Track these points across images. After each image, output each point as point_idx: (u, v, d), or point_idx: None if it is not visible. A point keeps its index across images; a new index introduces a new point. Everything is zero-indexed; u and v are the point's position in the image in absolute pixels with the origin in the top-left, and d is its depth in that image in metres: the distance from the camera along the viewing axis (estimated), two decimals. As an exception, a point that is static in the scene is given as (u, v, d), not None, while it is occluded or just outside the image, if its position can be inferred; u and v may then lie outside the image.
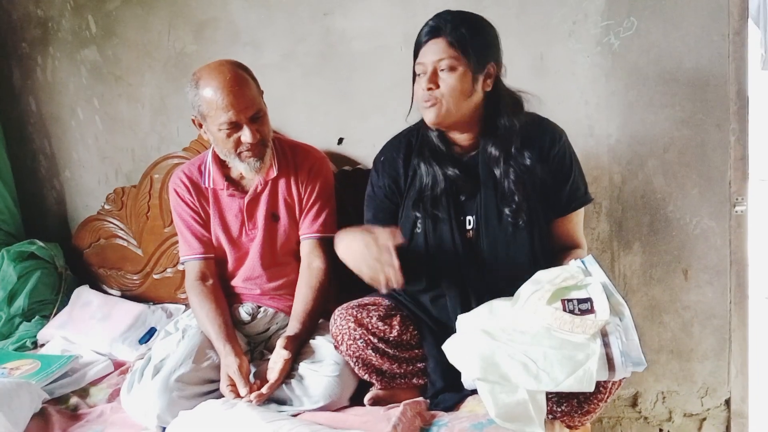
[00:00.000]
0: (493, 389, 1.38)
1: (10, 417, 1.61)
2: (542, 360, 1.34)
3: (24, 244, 2.38)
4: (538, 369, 1.33)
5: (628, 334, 1.37)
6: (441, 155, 1.66)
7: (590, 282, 1.43)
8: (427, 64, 1.56)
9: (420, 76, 1.59)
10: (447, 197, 1.65)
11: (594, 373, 1.31)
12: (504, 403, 1.38)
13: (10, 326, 2.27)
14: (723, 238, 2.00)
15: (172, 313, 2.24)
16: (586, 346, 1.33)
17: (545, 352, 1.34)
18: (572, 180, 1.66)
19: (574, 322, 1.35)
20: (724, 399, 2.12)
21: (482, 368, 1.36)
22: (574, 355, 1.33)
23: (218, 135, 1.74)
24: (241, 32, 2.24)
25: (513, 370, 1.35)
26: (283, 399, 1.66)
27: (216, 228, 1.92)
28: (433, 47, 1.56)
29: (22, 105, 2.55)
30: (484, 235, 1.63)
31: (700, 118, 1.94)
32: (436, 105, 1.57)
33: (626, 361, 1.34)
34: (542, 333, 1.38)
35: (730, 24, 1.87)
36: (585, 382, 1.32)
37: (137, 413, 1.67)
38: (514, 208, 1.60)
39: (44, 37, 2.45)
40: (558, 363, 1.33)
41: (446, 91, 1.55)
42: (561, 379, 1.32)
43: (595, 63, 1.97)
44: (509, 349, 1.36)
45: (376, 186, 1.76)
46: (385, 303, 1.70)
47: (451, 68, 1.54)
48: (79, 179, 2.57)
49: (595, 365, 1.31)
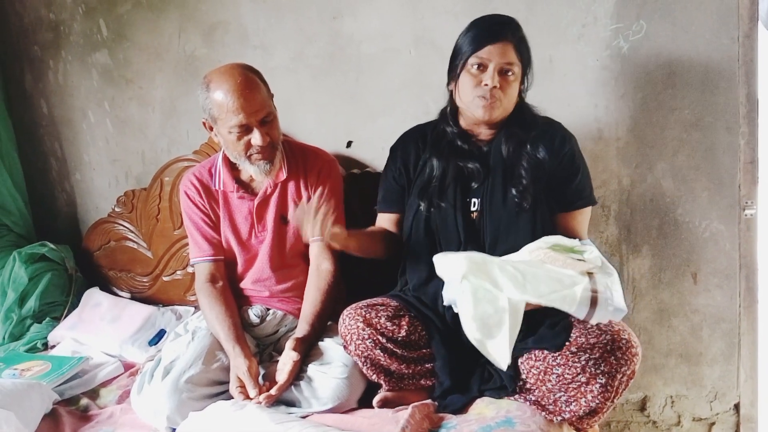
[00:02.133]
0: (476, 291, 1.41)
1: (21, 417, 1.62)
2: (531, 276, 1.40)
3: (35, 246, 2.39)
4: (525, 281, 1.39)
5: (613, 286, 1.44)
6: (461, 152, 1.72)
7: (586, 249, 1.51)
8: (492, 63, 1.61)
9: (475, 69, 1.62)
10: (455, 186, 1.71)
11: (578, 296, 1.38)
12: (483, 309, 1.40)
13: (21, 327, 2.28)
14: (732, 242, 2.00)
15: (182, 315, 2.25)
16: (574, 276, 1.41)
17: (535, 272, 1.42)
18: (578, 179, 1.71)
19: (566, 262, 1.44)
20: (734, 403, 2.11)
21: (469, 268, 1.41)
22: (561, 279, 1.40)
23: (229, 138, 1.75)
24: (251, 35, 2.25)
25: (501, 276, 1.40)
26: (292, 401, 1.66)
27: (226, 230, 1.93)
28: (502, 48, 1.61)
29: (34, 108, 2.57)
30: (488, 215, 1.69)
31: (709, 121, 1.94)
32: (494, 103, 1.63)
33: (608, 305, 1.40)
34: (535, 263, 1.46)
35: (740, 27, 1.87)
36: (567, 302, 1.38)
37: (147, 414, 1.68)
38: (521, 189, 1.66)
39: (56, 41, 2.47)
40: (545, 280, 1.40)
41: (507, 94, 1.63)
42: (545, 293, 1.39)
43: (604, 66, 1.97)
44: (501, 263, 1.44)
45: (388, 169, 1.85)
46: (394, 304, 1.71)
47: (514, 73, 1.63)
48: (90, 182, 2.58)
49: (579, 290, 1.38)
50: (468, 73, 1.64)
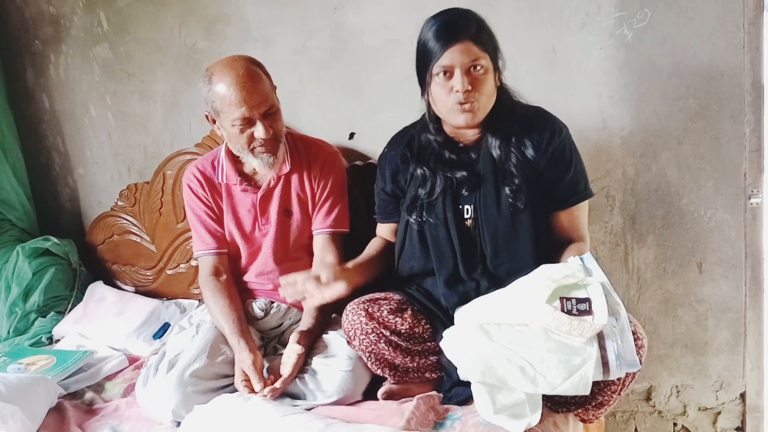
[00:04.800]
0: (491, 390, 1.41)
1: (27, 411, 1.62)
2: (539, 363, 1.36)
3: (38, 240, 2.39)
4: (535, 372, 1.35)
5: (623, 336, 1.38)
6: (449, 162, 1.65)
7: (590, 282, 1.44)
8: (455, 66, 1.52)
9: (442, 78, 1.54)
10: (444, 198, 1.65)
11: (590, 377, 1.34)
12: (502, 404, 1.41)
13: (25, 322, 2.29)
14: (738, 231, 1.99)
15: (186, 308, 2.25)
16: (582, 350, 1.35)
17: (542, 356, 1.36)
18: (572, 174, 1.65)
19: (572, 324, 1.36)
20: (739, 393, 2.11)
21: (482, 372, 1.39)
22: (570, 360, 1.34)
23: (231, 131, 1.75)
24: (252, 28, 2.24)
25: (511, 373, 1.37)
26: (297, 393, 1.67)
27: (229, 223, 1.92)
28: (461, 49, 1.52)
29: (36, 102, 2.57)
30: (484, 222, 1.63)
31: (714, 110, 1.93)
32: (473, 106, 1.55)
33: (621, 363, 1.36)
34: (539, 334, 1.39)
35: (745, 14, 1.85)
36: (581, 387, 1.35)
37: (152, 408, 1.68)
38: (515, 188, 1.60)
39: (57, 35, 2.46)
40: (555, 367, 1.35)
41: (482, 93, 1.55)
42: (557, 384, 1.35)
43: (608, 55, 1.96)
44: (507, 352, 1.38)
45: (379, 180, 1.81)
46: (397, 297, 1.70)
47: (484, 68, 1.54)
48: (93, 176, 2.58)
49: (591, 370, 1.34)
50: (437, 84, 1.56)
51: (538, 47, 1.99)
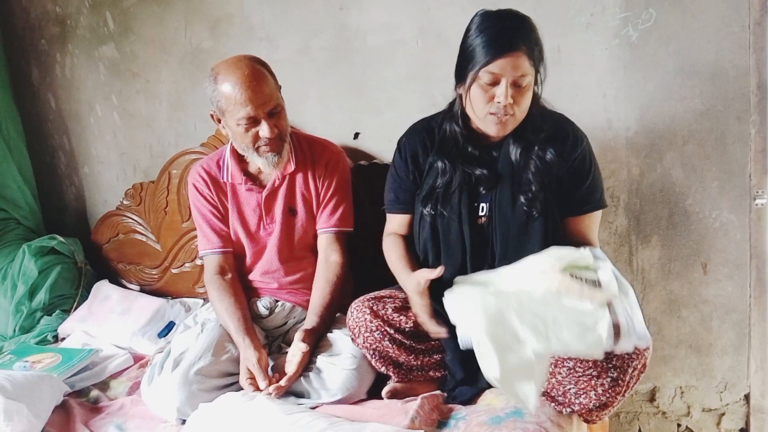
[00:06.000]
0: (498, 346, 1.34)
1: (33, 409, 1.63)
2: (551, 322, 1.32)
3: (44, 239, 2.41)
4: (547, 330, 1.32)
5: (633, 310, 1.36)
6: (470, 157, 1.63)
7: (600, 266, 1.41)
8: (505, 77, 1.48)
9: (486, 84, 1.50)
10: (461, 193, 1.63)
11: (603, 338, 1.30)
12: (510, 363, 1.33)
13: (31, 320, 2.30)
14: (743, 232, 1.98)
15: (191, 307, 2.26)
16: (594, 313, 1.32)
17: (554, 315, 1.32)
18: (589, 183, 1.64)
19: (583, 291, 1.33)
20: (744, 394, 2.10)
21: (489, 325, 1.34)
22: (583, 320, 1.31)
23: (236, 130, 1.75)
24: (256, 28, 2.25)
25: (521, 328, 1.32)
26: (302, 392, 1.67)
27: (234, 222, 1.93)
28: (515, 61, 1.47)
29: (41, 102, 2.58)
30: (497, 222, 1.61)
31: (719, 110, 1.92)
32: (508, 120, 1.53)
33: (632, 332, 1.33)
34: (549, 298, 1.35)
35: (751, 14, 1.85)
36: (594, 348, 1.31)
37: (157, 406, 1.69)
38: (530, 197, 1.58)
39: (62, 35, 2.48)
40: (567, 327, 1.31)
41: (520, 107, 1.52)
42: (569, 341, 1.31)
43: (613, 55, 1.95)
44: (516, 307, 1.34)
45: (398, 167, 1.74)
46: (401, 296, 1.70)
47: (527, 82, 1.50)
48: (98, 175, 2.59)
49: (604, 331, 1.29)
50: (479, 87, 1.51)
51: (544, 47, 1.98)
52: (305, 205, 1.91)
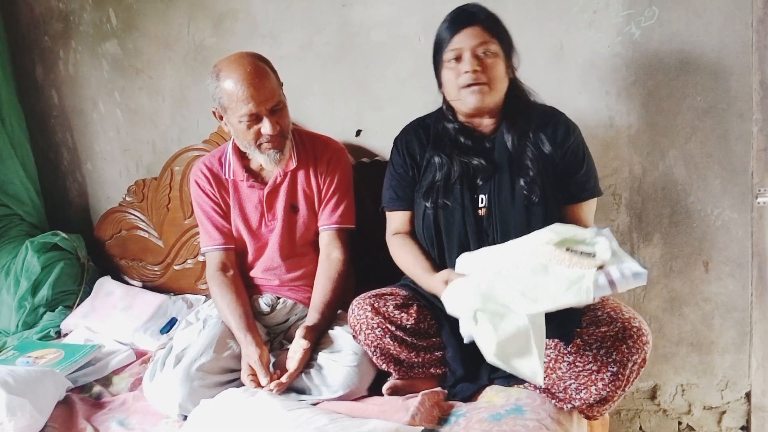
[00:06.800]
0: (493, 318, 1.37)
1: (35, 404, 1.64)
2: (542, 287, 1.34)
3: (47, 235, 2.41)
4: (536, 293, 1.35)
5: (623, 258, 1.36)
6: (465, 148, 1.68)
7: (598, 242, 1.41)
8: (465, 49, 1.58)
9: (452, 62, 1.60)
10: (461, 184, 1.66)
11: (591, 285, 1.31)
12: (505, 331, 1.35)
13: (34, 316, 2.31)
14: (745, 230, 1.98)
15: (193, 303, 2.26)
16: (580, 272, 1.33)
17: (545, 281, 1.35)
18: (584, 171, 1.67)
19: (572, 260, 1.36)
20: (745, 392, 2.10)
21: (483, 303, 1.37)
22: (569, 276, 1.33)
23: (238, 127, 1.76)
24: (260, 24, 2.25)
25: (511, 297, 1.36)
26: (303, 388, 1.67)
27: (236, 219, 1.93)
28: (471, 32, 1.58)
29: (45, 98, 2.59)
30: (497, 212, 1.64)
31: (722, 108, 1.92)
32: (482, 88, 1.59)
33: (625, 276, 1.32)
34: (539, 269, 1.38)
35: (754, 12, 1.85)
36: (583, 295, 1.31)
37: (159, 402, 1.70)
38: (529, 180, 1.61)
39: (66, 31, 2.48)
40: (554, 284, 1.34)
41: (491, 75, 1.59)
42: (558, 296, 1.33)
43: (616, 52, 1.95)
44: (507, 280, 1.38)
45: (396, 164, 1.78)
46: (402, 293, 1.71)
47: (493, 53, 1.59)
48: (101, 171, 2.60)
49: (591, 279, 1.31)
50: (447, 69, 1.62)
51: (546, 43, 1.99)
52: (307, 202, 1.92)
